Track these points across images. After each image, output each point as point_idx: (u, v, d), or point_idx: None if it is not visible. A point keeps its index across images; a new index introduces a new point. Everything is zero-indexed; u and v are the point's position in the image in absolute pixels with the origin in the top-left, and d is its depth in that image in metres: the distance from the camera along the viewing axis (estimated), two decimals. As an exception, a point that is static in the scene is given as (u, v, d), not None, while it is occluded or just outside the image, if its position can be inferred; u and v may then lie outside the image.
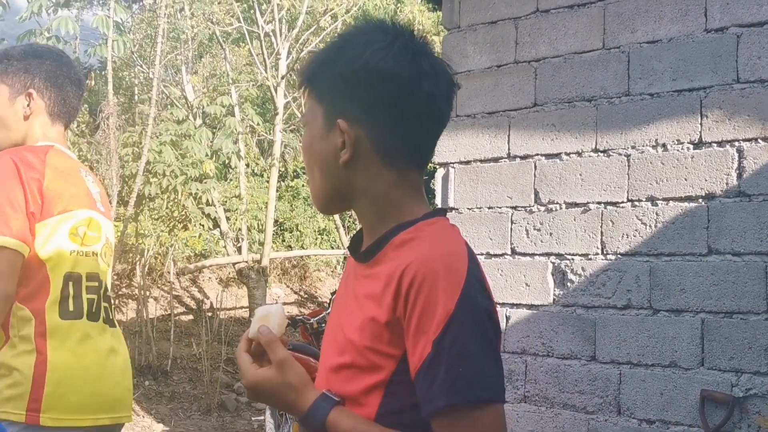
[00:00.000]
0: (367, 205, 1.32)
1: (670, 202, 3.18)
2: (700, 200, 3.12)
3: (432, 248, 1.21)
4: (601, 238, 3.34)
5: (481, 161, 3.72)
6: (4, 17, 9.90)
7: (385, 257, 1.27)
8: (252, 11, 11.24)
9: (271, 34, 11.02)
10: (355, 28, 1.37)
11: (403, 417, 1.20)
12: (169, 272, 10.53)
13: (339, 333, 1.31)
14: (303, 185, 14.81)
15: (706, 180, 3.11)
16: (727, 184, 3.07)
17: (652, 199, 3.23)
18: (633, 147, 3.29)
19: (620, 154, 3.32)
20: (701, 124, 3.14)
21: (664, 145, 3.22)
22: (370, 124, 1.29)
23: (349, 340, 1.26)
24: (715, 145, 3.11)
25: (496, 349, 1.19)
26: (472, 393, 1.13)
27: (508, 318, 3.57)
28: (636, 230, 3.26)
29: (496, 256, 3.64)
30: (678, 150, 3.19)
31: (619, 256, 3.29)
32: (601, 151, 3.37)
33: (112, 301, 2.49)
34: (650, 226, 3.22)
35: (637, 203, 3.27)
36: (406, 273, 1.18)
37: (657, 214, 3.21)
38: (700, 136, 3.14)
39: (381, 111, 1.29)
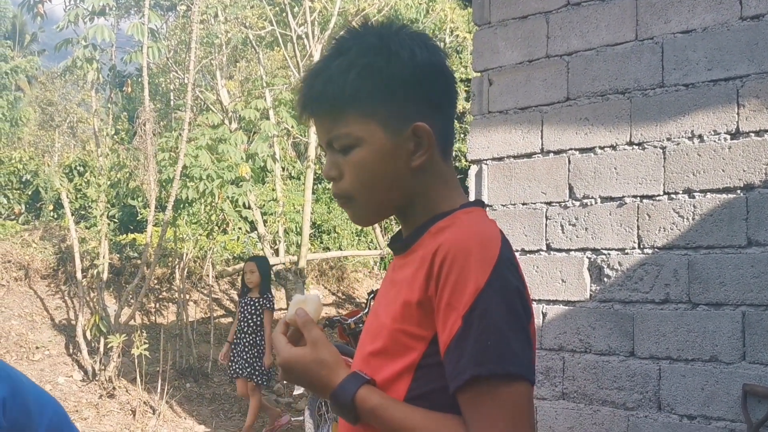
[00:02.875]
0: (422, 204, 1.31)
1: (708, 193, 3.13)
2: (739, 191, 3.06)
3: (465, 230, 1.21)
4: (638, 232, 3.30)
5: (515, 157, 3.69)
6: (45, 28, 10.10)
7: (421, 245, 1.27)
8: (284, 14, 11.29)
9: (303, 36, 11.07)
10: (367, 32, 1.30)
11: (429, 401, 1.20)
12: (208, 275, 10.64)
13: (375, 321, 1.33)
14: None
15: (744, 170, 3.05)
16: (765, 174, 3.01)
17: (689, 192, 3.18)
18: (668, 139, 3.24)
19: (656, 147, 3.28)
20: (738, 113, 3.08)
21: (700, 136, 3.17)
22: (436, 120, 1.28)
23: (383, 324, 1.27)
24: (752, 134, 3.05)
25: (525, 328, 1.17)
26: (500, 366, 1.11)
27: (544, 314, 3.54)
28: (673, 223, 3.21)
29: (531, 252, 3.61)
30: (715, 141, 3.14)
31: (656, 249, 3.25)
32: (636, 144, 3.33)
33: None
34: (687, 218, 3.17)
35: (673, 196, 3.22)
36: (438, 252, 1.18)
37: (694, 206, 3.16)
38: (737, 126, 3.08)
39: (445, 105, 1.31)
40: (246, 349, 7.02)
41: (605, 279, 3.37)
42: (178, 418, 7.62)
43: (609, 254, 3.37)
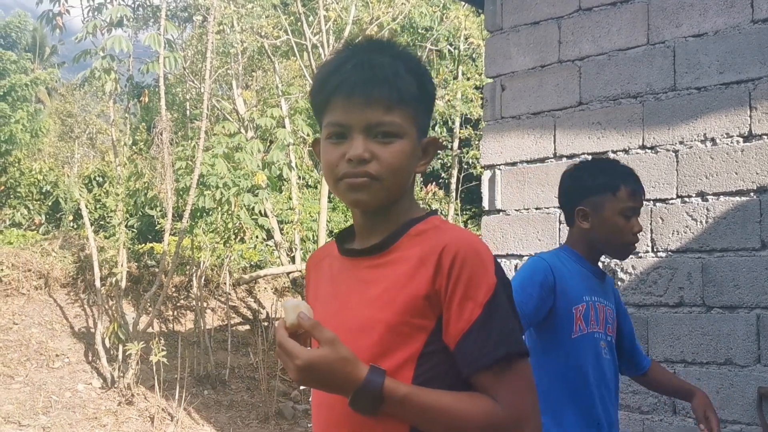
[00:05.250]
0: (402, 205, 1.46)
1: (721, 196, 3.13)
2: (752, 194, 3.06)
3: (462, 233, 1.40)
4: (651, 236, 3.30)
5: (528, 162, 3.70)
6: (64, 41, 10.19)
7: (402, 246, 1.41)
8: (299, 24, 11.36)
9: (318, 45, 11.13)
10: (399, 45, 1.49)
11: (431, 386, 1.30)
12: (225, 283, 10.69)
13: (353, 317, 1.39)
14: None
15: (757, 173, 3.05)
16: (779, 176, 3.00)
17: (702, 195, 3.18)
18: (681, 142, 3.25)
19: (668, 150, 3.28)
20: (750, 116, 3.08)
21: (712, 140, 3.17)
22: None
23: (374, 318, 1.35)
24: (765, 137, 3.05)
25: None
26: (519, 346, 1.33)
27: (558, 319, 3.54)
28: (686, 226, 3.21)
29: (544, 256, 3.61)
30: (727, 144, 3.14)
31: (669, 253, 3.24)
32: (649, 148, 3.34)
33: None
34: (701, 221, 3.17)
35: (686, 199, 3.22)
36: (446, 251, 1.33)
37: (707, 209, 3.16)
38: (750, 129, 3.08)
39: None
40: None
41: (619, 282, 3.37)
42: (195, 425, 7.66)
43: (622, 258, 3.37)
